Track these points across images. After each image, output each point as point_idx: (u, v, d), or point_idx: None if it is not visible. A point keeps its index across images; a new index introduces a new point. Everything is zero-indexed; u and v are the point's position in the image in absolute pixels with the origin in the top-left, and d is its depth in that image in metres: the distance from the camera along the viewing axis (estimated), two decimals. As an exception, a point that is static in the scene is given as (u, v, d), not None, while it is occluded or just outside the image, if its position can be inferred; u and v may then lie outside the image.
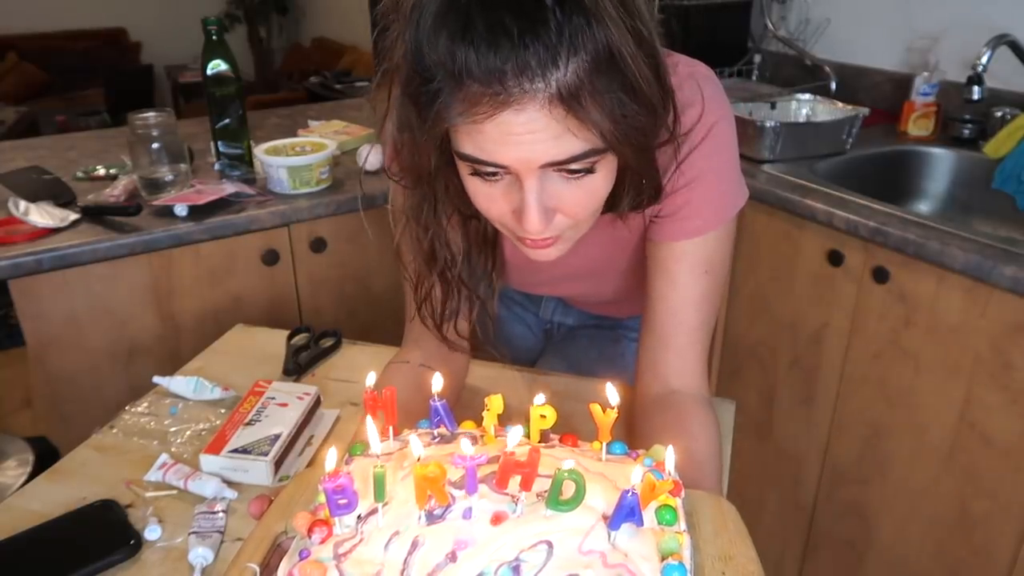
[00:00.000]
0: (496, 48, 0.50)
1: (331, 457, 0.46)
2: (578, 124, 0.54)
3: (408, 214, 0.72)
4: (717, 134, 0.71)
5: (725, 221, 0.74)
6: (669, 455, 0.48)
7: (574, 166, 0.57)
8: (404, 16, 0.55)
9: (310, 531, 0.45)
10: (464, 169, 0.62)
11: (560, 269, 0.87)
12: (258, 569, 0.48)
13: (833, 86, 1.92)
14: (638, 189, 0.67)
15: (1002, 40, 1.46)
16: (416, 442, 0.48)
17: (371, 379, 0.56)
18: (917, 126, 1.69)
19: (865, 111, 1.58)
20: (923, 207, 1.65)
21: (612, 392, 0.51)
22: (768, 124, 1.52)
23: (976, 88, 1.47)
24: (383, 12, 0.59)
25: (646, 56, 0.55)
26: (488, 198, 0.62)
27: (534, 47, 0.50)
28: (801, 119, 1.70)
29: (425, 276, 0.76)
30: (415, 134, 0.60)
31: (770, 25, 2.05)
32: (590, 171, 0.59)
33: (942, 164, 1.64)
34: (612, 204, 0.68)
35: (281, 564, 0.45)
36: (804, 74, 2.01)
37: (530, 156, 0.55)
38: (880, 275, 1.28)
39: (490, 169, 0.58)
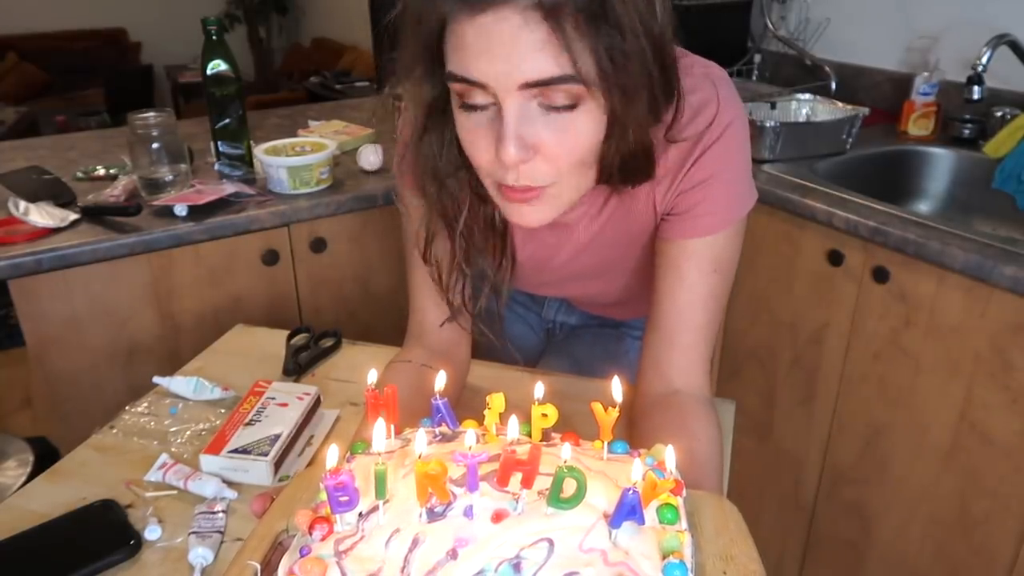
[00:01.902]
0: None
1: (332, 454, 0.46)
2: (558, 45, 0.55)
3: (416, 143, 0.72)
4: (732, 134, 0.71)
5: (736, 220, 0.75)
6: (670, 454, 0.48)
7: (556, 97, 0.58)
8: None
9: (311, 528, 0.45)
10: (455, 103, 0.63)
11: (571, 267, 0.87)
12: (259, 567, 0.47)
13: (833, 86, 1.92)
14: (627, 155, 0.66)
15: (1002, 40, 1.46)
16: (421, 437, 0.48)
17: (372, 377, 0.56)
18: (917, 126, 1.69)
19: (865, 111, 1.59)
20: (923, 207, 1.65)
21: (617, 387, 0.51)
22: (768, 124, 1.52)
23: (976, 88, 1.47)
24: None
25: (642, 10, 0.57)
26: (473, 134, 0.63)
27: None
28: (801, 119, 1.70)
29: (429, 219, 0.76)
30: (416, 60, 0.63)
31: (770, 25, 2.05)
32: (572, 107, 0.59)
33: (942, 164, 1.64)
34: (604, 174, 0.68)
35: (282, 561, 0.45)
36: (804, 74, 2.01)
37: (508, 69, 0.57)
38: (880, 275, 1.28)
39: (477, 99, 0.60)
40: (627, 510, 0.42)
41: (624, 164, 0.66)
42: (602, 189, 0.74)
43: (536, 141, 0.60)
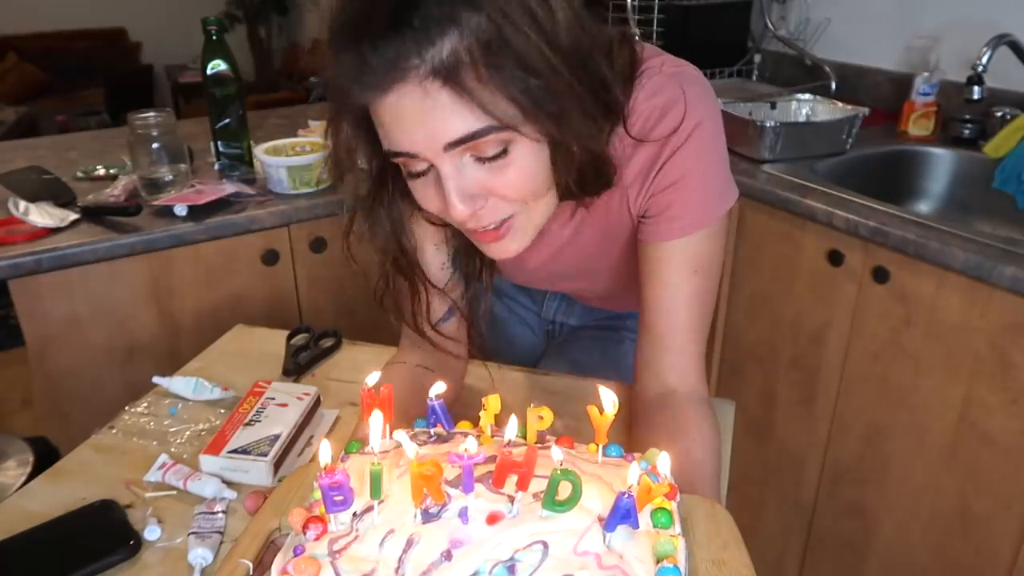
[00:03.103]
0: (371, 41, 0.55)
1: (324, 450, 0.46)
2: (467, 103, 0.56)
3: (361, 212, 0.74)
4: (701, 135, 0.71)
5: (713, 220, 0.74)
6: (664, 459, 0.48)
7: (486, 148, 0.59)
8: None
9: (305, 527, 0.45)
10: (404, 174, 0.66)
11: (551, 269, 0.87)
12: (251, 565, 0.48)
13: (833, 86, 1.92)
14: (581, 171, 0.66)
15: (1002, 40, 1.46)
16: (407, 443, 0.48)
17: (373, 379, 0.56)
18: (917, 126, 1.69)
19: (865, 111, 1.58)
20: (923, 207, 1.65)
21: (607, 397, 0.51)
22: (768, 124, 1.52)
23: (976, 88, 1.47)
24: (310, 50, 0.65)
25: (544, 30, 0.57)
26: (424, 196, 0.65)
27: (403, 32, 0.54)
28: (801, 119, 1.70)
29: (386, 270, 0.78)
30: (356, 136, 0.66)
31: (770, 25, 2.05)
32: (504, 152, 0.60)
33: (942, 164, 1.64)
34: (564, 193, 0.68)
35: (275, 560, 0.45)
36: (804, 74, 2.01)
37: (427, 137, 0.58)
38: (880, 275, 1.28)
39: (417, 167, 0.62)
40: (622, 514, 0.43)
41: (581, 179, 0.67)
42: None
43: (481, 189, 0.62)
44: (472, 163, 0.61)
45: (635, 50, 0.71)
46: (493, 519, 0.44)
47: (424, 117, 0.57)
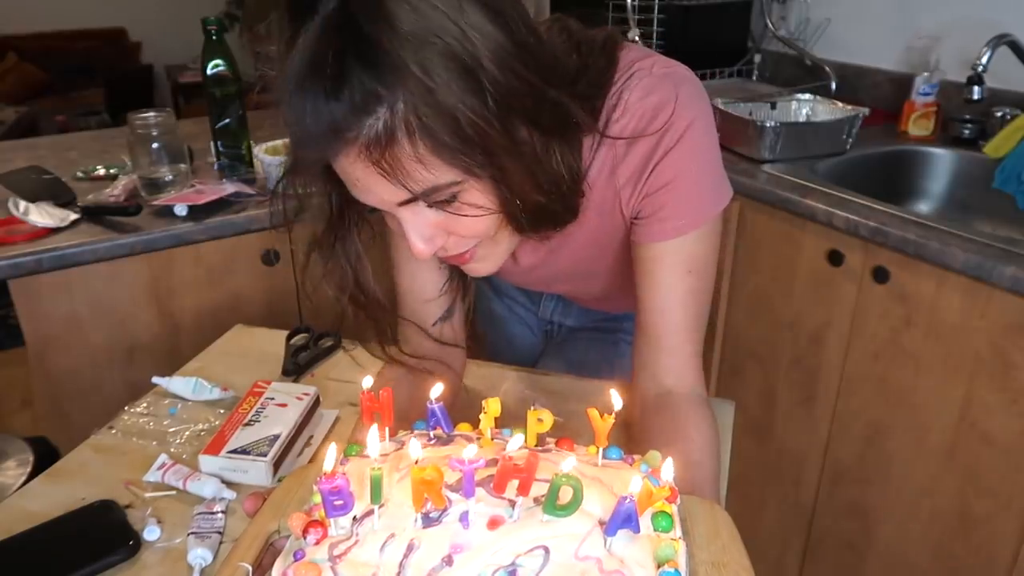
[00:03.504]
0: (311, 109, 0.56)
1: (330, 456, 0.46)
2: (408, 169, 0.57)
3: (318, 249, 0.76)
4: (693, 135, 0.71)
5: (706, 221, 0.74)
6: (667, 465, 0.48)
7: (437, 197, 0.60)
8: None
9: (305, 532, 0.45)
10: None
11: (544, 272, 0.87)
12: (250, 569, 0.47)
13: (833, 86, 1.92)
14: (534, 214, 0.66)
15: (1002, 40, 1.46)
16: (415, 445, 0.48)
17: (367, 382, 0.56)
18: (917, 126, 1.68)
19: (865, 111, 1.58)
20: (923, 207, 1.65)
21: (616, 398, 0.51)
22: (768, 124, 1.52)
23: (976, 88, 1.47)
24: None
25: (475, 90, 0.55)
26: (396, 231, 0.68)
27: (335, 105, 0.54)
28: (801, 119, 1.70)
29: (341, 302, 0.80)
30: (313, 177, 0.69)
31: (770, 25, 2.05)
32: (454, 198, 0.61)
33: (942, 164, 1.64)
34: (519, 230, 0.68)
35: (275, 565, 0.45)
36: (804, 74, 2.01)
37: (381, 198, 0.61)
38: (880, 275, 1.28)
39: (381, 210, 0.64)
40: (623, 518, 0.42)
41: (534, 221, 0.67)
42: None
43: (439, 230, 0.64)
44: (426, 209, 0.62)
45: (613, 53, 0.71)
46: (494, 524, 0.44)
47: (370, 183, 0.59)
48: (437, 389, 0.56)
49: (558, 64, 0.65)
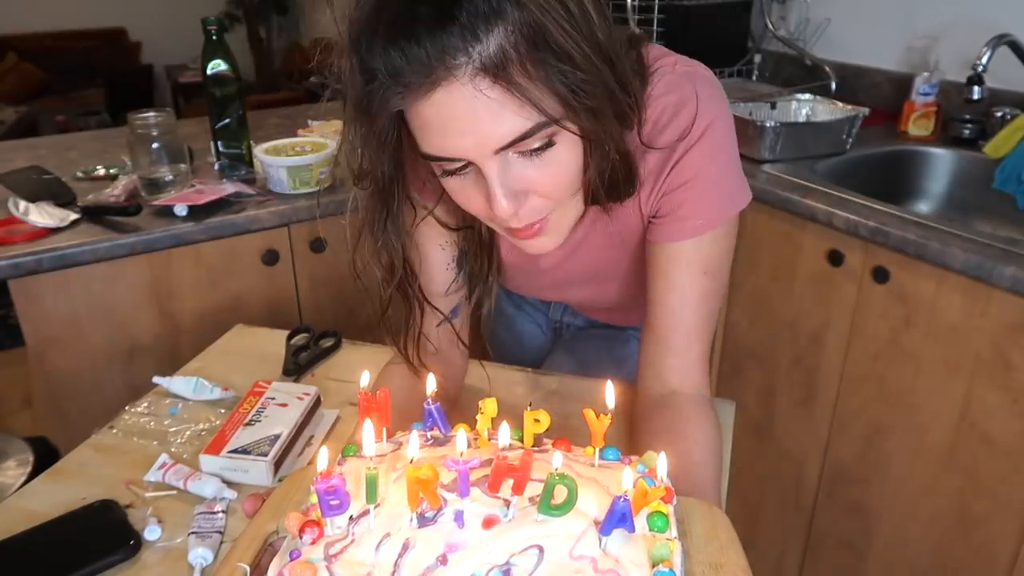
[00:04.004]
0: (415, 36, 0.54)
1: (322, 457, 0.46)
2: (517, 100, 0.56)
3: (367, 226, 0.73)
4: (713, 134, 0.71)
5: (724, 221, 0.74)
6: (661, 462, 0.48)
7: (532, 143, 0.59)
8: (343, 38, 0.60)
9: (301, 531, 0.45)
10: (437, 172, 0.64)
11: (562, 273, 0.87)
12: (248, 569, 0.48)
13: (833, 86, 1.92)
14: (611, 171, 0.66)
15: (1002, 40, 1.46)
16: (414, 440, 0.48)
17: (365, 379, 0.56)
18: (917, 126, 1.68)
19: (865, 111, 1.58)
20: (923, 207, 1.65)
21: (610, 393, 0.51)
22: (768, 124, 1.52)
23: (976, 88, 1.47)
24: (322, 50, 0.63)
25: (580, 25, 0.57)
26: (463, 194, 0.64)
27: (450, 28, 0.53)
28: (801, 119, 1.70)
29: (386, 288, 0.78)
30: (368, 143, 0.64)
31: (770, 25, 2.05)
32: (549, 144, 0.60)
33: (942, 164, 1.64)
34: (592, 196, 0.69)
35: (272, 564, 0.45)
36: (804, 74, 2.01)
37: (478, 140, 0.58)
38: (880, 275, 1.28)
39: (454, 165, 0.61)
40: (617, 517, 0.42)
41: (611, 180, 0.67)
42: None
43: (524, 186, 0.62)
44: (517, 160, 0.60)
45: (641, 53, 0.71)
46: (489, 523, 0.44)
47: (475, 118, 0.56)
48: (431, 383, 0.56)
49: (620, 40, 0.65)
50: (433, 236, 0.79)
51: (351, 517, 0.46)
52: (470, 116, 0.56)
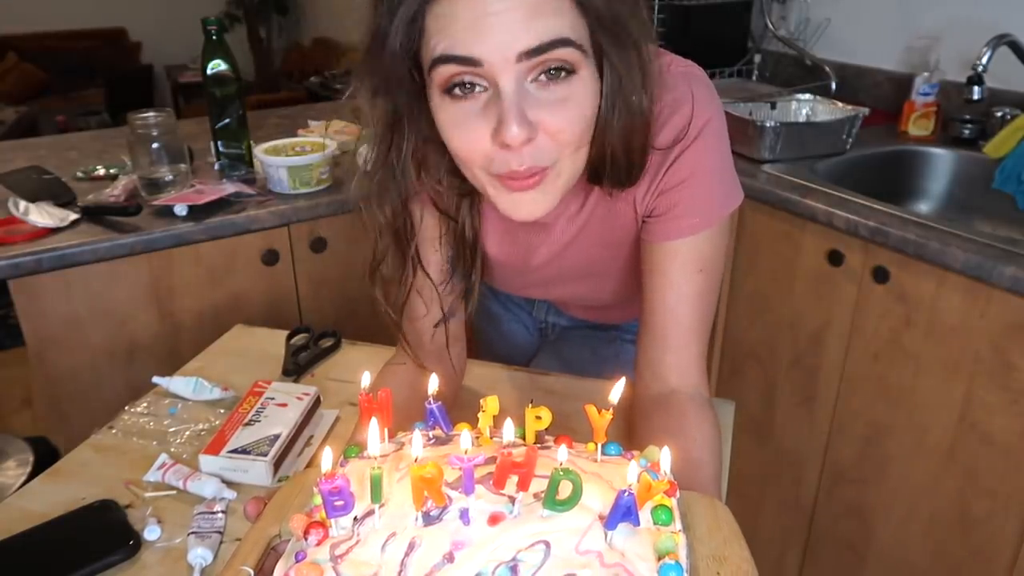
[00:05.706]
0: None
1: (327, 457, 0.46)
2: (553, 5, 0.56)
3: (373, 167, 0.71)
4: (709, 133, 0.71)
5: (718, 220, 0.74)
6: (664, 456, 0.48)
7: (553, 61, 0.58)
8: None
9: (306, 533, 0.45)
10: (437, 95, 0.61)
11: (553, 270, 0.87)
12: (252, 572, 0.47)
13: (833, 86, 1.92)
14: (626, 132, 0.65)
15: (1002, 40, 1.46)
16: (417, 439, 0.48)
17: (366, 379, 0.56)
18: (917, 126, 1.69)
19: (865, 111, 1.58)
20: (923, 207, 1.65)
21: (618, 389, 0.51)
22: (768, 124, 1.52)
23: (976, 88, 1.47)
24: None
25: None
26: (463, 126, 0.61)
27: None
28: (801, 119, 1.70)
29: (383, 243, 0.76)
30: (388, 41, 0.60)
31: (770, 25, 2.05)
32: (570, 72, 0.59)
33: (942, 164, 1.64)
34: (594, 175, 0.68)
35: (277, 566, 0.45)
36: (804, 74, 2.01)
37: (505, 39, 0.55)
38: (880, 275, 1.28)
39: (466, 78, 0.58)
40: (622, 512, 0.42)
41: (624, 147, 0.66)
42: (583, 188, 0.74)
43: (536, 119, 0.59)
44: (533, 86, 0.59)
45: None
46: (494, 520, 0.44)
47: (508, 13, 0.55)
48: (434, 382, 0.56)
49: None
50: (427, 236, 0.79)
51: (356, 518, 0.45)
52: (504, 10, 0.55)
